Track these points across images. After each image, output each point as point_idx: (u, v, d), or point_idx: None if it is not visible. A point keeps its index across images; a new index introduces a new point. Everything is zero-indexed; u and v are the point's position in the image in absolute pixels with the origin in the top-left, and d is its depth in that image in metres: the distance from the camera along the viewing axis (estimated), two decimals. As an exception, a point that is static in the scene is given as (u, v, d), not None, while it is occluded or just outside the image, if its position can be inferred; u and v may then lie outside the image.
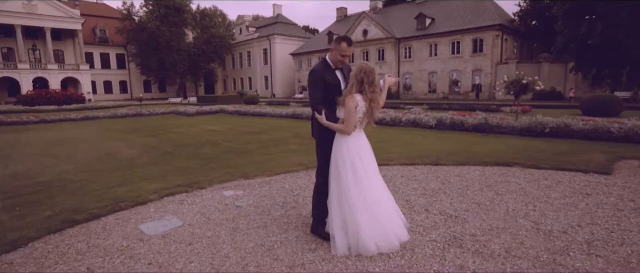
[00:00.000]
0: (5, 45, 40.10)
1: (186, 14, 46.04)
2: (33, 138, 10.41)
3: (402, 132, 9.45)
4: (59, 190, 4.63)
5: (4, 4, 36.72)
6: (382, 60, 36.09)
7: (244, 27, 53.00)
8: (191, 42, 48.16)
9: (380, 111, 11.52)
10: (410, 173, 5.12)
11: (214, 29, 48.89)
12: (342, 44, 2.82)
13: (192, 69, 48.63)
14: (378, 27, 35.77)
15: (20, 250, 3.02)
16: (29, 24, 38.40)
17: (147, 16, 44.02)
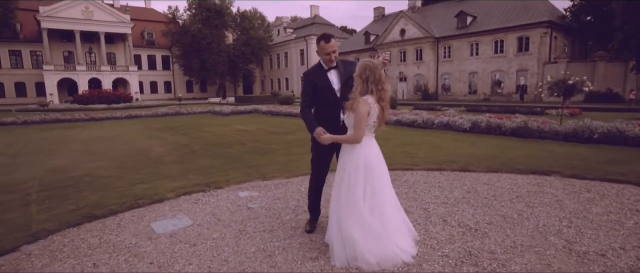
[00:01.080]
0: (66, 49, 43.75)
1: (227, 17, 47.59)
2: (79, 135, 11.17)
3: (433, 135, 9.03)
4: (87, 186, 4.86)
5: (66, 12, 40.10)
6: (420, 61, 35.05)
7: (282, 28, 53.85)
8: (231, 44, 49.73)
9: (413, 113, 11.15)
10: (434, 179, 4.82)
11: (253, 31, 50.14)
12: (320, 42, 2.74)
13: (231, 70, 50.19)
14: (416, 26, 34.78)
15: (41, 242, 3.16)
16: (86, 29, 41.60)
17: (190, 19, 46.05)
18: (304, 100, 2.91)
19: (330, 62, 2.81)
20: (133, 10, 48.73)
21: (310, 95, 2.88)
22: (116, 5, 47.56)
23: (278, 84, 55.84)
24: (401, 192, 4.23)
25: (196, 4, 45.50)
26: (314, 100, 2.90)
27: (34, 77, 41.87)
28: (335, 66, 2.84)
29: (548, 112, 14.43)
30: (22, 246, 3.07)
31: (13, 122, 14.76)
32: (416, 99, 33.51)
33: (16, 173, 5.72)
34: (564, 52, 29.04)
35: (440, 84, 34.07)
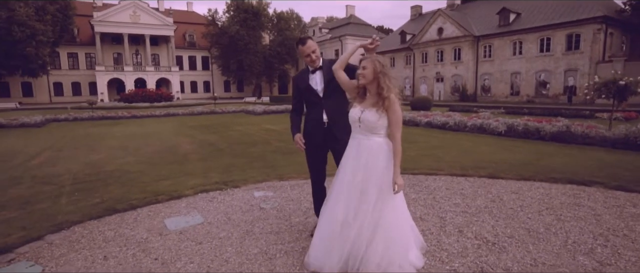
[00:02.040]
0: (116, 51, 46.83)
1: (263, 18, 48.62)
2: (119, 131, 11.85)
3: (464, 139, 8.59)
4: (115, 180, 5.10)
5: (116, 16, 42.95)
6: (458, 60, 33.72)
7: (317, 28, 54.12)
8: (267, 45, 50.75)
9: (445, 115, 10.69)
10: (457, 186, 4.56)
11: (289, 32, 50.84)
12: (298, 47, 2.73)
13: (267, 70, 51.22)
14: (454, 25, 33.49)
15: (63, 232, 3.33)
16: (133, 32, 44.27)
17: (228, 21, 47.55)
18: (292, 104, 2.99)
19: (312, 63, 2.75)
20: (176, 13, 51.13)
21: (297, 98, 2.92)
22: (161, 8, 50.25)
23: (312, 84, 56.05)
24: (419, 198, 4.03)
25: (234, 6, 46.88)
26: (301, 103, 2.93)
27: (88, 77, 45.18)
28: (321, 67, 2.77)
29: (598, 116, 13.27)
30: (46, 235, 3.26)
31: (65, 119, 15.99)
32: (453, 100, 32.27)
33: (57, 166, 6.14)
34: (621, 49, 26.63)
35: (480, 84, 32.55)
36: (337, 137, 2.70)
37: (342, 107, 2.72)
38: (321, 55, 2.87)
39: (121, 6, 43.11)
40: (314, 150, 2.85)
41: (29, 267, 2.72)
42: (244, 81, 53.77)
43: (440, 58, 35.55)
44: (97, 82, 42.57)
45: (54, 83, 44.01)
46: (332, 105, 2.71)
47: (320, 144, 2.80)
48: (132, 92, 33.28)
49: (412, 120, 11.20)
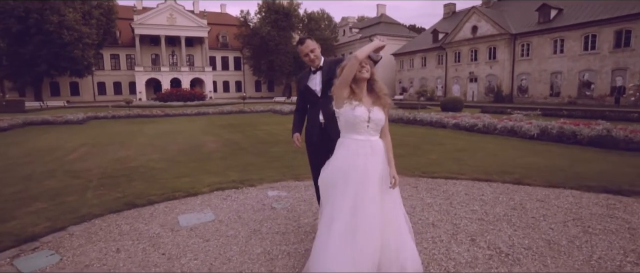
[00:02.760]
0: (153, 52, 49.10)
1: (294, 18, 49.10)
2: (151, 129, 12.38)
3: (493, 141, 8.20)
4: (138, 176, 5.31)
5: (154, 19, 45.03)
6: (493, 60, 32.35)
7: (348, 28, 53.92)
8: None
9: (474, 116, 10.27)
10: (478, 191, 4.34)
11: (319, 32, 51.00)
12: (297, 47, 2.75)
13: (296, 70, 51.64)
14: (490, 23, 32.15)
15: (84, 224, 3.51)
16: (170, 34, 46.21)
17: (259, 22, 48.44)
18: (296, 103, 3.07)
19: (311, 62, 2.76)
20: (210, 15, 52.77)
21: (300, 98, 2.99)
22: (196, 11, 52.08)
23: (341, 84, 55.93)
24: (435, 203, 3.88)
25: (265, 7, 47.68)
26: (304, 103, 2.97)
27: (128, 77, 47.68)
28: (321, 67, 2.78)
29: (648, 119, 12.24)
30: (69, 226, 3.44)
31: (104, 117, 16.96)
32: (487, 102, 30.99)
33: (89, 161, 6.50)
34: (677, 48, 24.41)
35: (516, 85, 31.03)
36: (330, 136, 2.68)
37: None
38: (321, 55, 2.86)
39: (159, 9, 45.14)
40: (314, 150, 2.87)
41: (49, 255, 2.88)
42: (274, 81, 54.56)
43: (474, 57, 34.29)
44: (136, 81, 44.82)
45: (97, 83, 46.86)
46: (328, 105, 2.67)
47: (317, 144, 2.79)
48: (167, 91, 34.75)
49: (439, 121, 10.86)
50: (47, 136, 10.60)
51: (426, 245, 2.83)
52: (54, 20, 31.44)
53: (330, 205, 2.18)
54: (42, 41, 32.02)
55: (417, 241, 2.92)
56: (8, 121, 12.89)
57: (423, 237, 2.99)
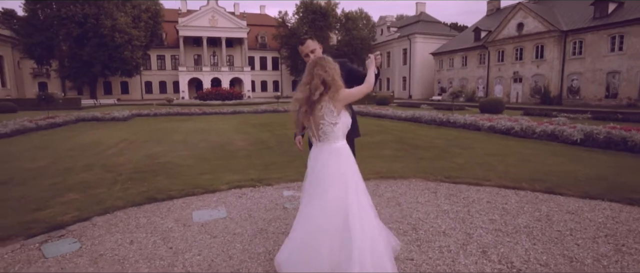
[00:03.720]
0: (196, 52, 51.43)
1: (331, 18, 49.20)
2: (187, 126, 12.94)
3: (529, 146, 7.67)
4: (164, 172, 5.56)
5: (197, 21, 47.16)
6: (541, 59, 30.34)
7: (385, 27, 53.10)
8: (334, 45, 51.25)
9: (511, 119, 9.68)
10: (502, 199, 4.08)
11: (356, 31, 50.69)
12: (299, 46, 2.71)
13: (335, 70, 51.68)
14: (537, 19, 30.16)
15: (107, 215, 3.72)
16: (211, 35, 48.17)
17: (297, 23, 49.07)
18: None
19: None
20: (249, 16, 54.30)
21: None
22: (236, 12, 53.78)
23: (379, 84, 55.28)
24: (451, 210, 3.69)
25: (303, 8, 48.20)
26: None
27: (172, 77, 50.30)
28: None
29: None
30: (93, 217, 3.67)
31: (147, 114, 18.01)
32: (533, 103, 29.12)
33: (124, 156, 6.92)
34: None
35: (566, 85, 28.87)
36: None
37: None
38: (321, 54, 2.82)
39: (202, 12, 47.19)
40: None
41: (71, 243, 3.09)
42: (311, 81, 54.93)
43: (519, 56, 32.38)
44: (180, 81, 47.18)
45: (145, 82, 49.93)
46: None
47: None
48: (207, 90, 36.26)
49: (473, 124, 10.35)
50: (93, 132, 11.44)
51: (431, 254, 2.70)
52: (108, 24, 33.91)
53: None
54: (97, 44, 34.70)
55: (424, 249, 2.80)
56: (63, 117, 14.06)
57: (430, 245, 2.86)
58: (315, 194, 2.19)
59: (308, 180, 2.30)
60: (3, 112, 19.65)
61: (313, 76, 2.18)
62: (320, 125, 2.18)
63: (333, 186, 2.16)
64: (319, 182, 2.20)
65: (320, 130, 2.20)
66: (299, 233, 2.25)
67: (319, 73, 2.16)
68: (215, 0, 48.24)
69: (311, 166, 2.30)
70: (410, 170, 5.50)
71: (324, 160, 2.22)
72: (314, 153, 2.31)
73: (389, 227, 3.27)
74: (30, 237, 3.20)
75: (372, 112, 17.32)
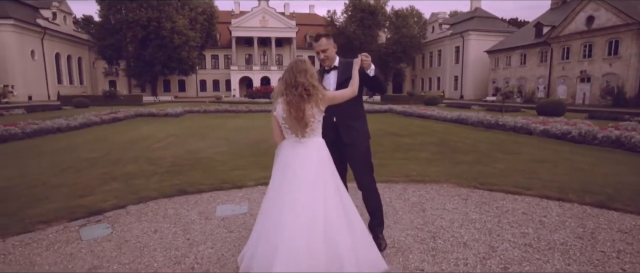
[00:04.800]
0: (247, 52, 53.49)
1: (380, 16, 48.40)
2: (232, 123, 13.48)
3: (586, 153, 6.90)
4: (200, 166, 5.84)
5: (249, 22, 49.03)
6: (614, 56, 27.23)
7: (437, 25, 51.08)
8: (383, 44, 50.40)
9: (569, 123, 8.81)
10: (541, 211, 3.71)
11: (406, 29, 49.35)
12: (313, 44, 2.66)
13: (381, 69, 50.70)
14: (612, 11, 27.08)
15: (140, 205, 3.99)
16: (262, 35, 49.79)
17: (345, 21, 48.94)
18: None
19: (323, 62, 2.69)
20: (298, 16, 55.26)
21: None
22: (286, 12, 54.99)
23: (428, 83, 53.43)
24: (479, 220, 3.44)
25: (352, 6, 47.93)
26: None
27: (225, 76, 52.81)
28: (336, 67, 2.68)
29: None
30: (128, 205, 3.96)
31: (198, 111, 19.09)
32: (604, 105, 26.24)
33: (167, 151, 7.38)
34: None
35: (646, 86, 25.62)
36: (341, 137, 2.63)
37: (350, 109, 2.60)
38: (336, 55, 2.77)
39: (253, 12, 48.97)
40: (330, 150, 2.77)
41: (105, 228, 3.36)
42: (357, 80, 54.57)
43: (587, 53, 29.37)
44: (231, 79, 49.41)
45: (200, 80, 52.99)
46: (340, 106, 2.57)
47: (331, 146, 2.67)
48: (256, 89, 37.57)
49: (525, 127, 9.56)
50: (147, 126, 12.36)
51: (445, 267, 2.53)
52: (168, 27, 36.49)
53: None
54: (157, 45, 37.51)
55: (438, 260, 2.64)
56: (124, 113, 15.39)
57: (446, 257, 2.68)
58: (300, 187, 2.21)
59: (289, 174, 2.26)
60: (78, 107, 22.00)
61: (297, 81, 2.22)
62: (310, 123, 2.25)
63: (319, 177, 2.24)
64: (306, 174, 2.21)
65: (308, 128, 2.26)
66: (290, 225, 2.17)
67: (301, 80, 2.21)
68: (266, 1, 49.77)
69: (291, 160, 2.28)
70: (443, 174, 5.22)
71: (309, 153, 2.28)
72: (293, 149, 2.31)
73: (407, 234, 3.13)
74: (73, 220, 3.53)
75: (416, 112, 16.76)
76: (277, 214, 2.21)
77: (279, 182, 2.28)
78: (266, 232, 2.23)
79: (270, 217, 2.26)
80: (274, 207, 2.26)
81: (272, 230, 2.19)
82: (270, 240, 2.17)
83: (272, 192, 2.32)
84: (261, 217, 2.35)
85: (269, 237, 2.19)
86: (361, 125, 2.75)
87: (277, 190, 2.27)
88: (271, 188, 2.35)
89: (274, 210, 2.25)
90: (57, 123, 10.35)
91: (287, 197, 2.19)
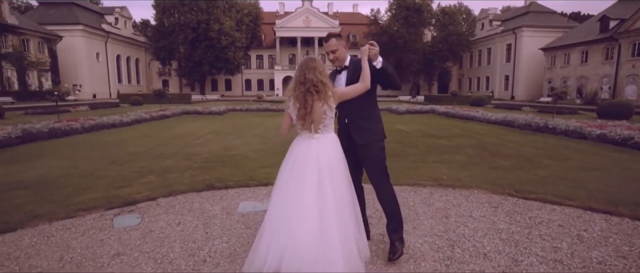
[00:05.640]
0: (290, 52, 54.47)
1: (426, 14, 46.89)
2: (270, 122, 13.79)
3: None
4: (232, 163, 6.04)
5: (293, 22, 49.89)
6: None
7: (487, 21, 48.43)
8: (428, 42, 48.82)
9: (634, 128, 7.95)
10: (582, 224, 3.38)
11: (453, 27, 47.38)
12: (323, 43, 2.60)
13: (426, 68, 49.34)
14: (694, 3, 23.92)
15: (170, 198, 4.22)
16: (305, 35, 50.42)
17: (389, 20, 48.03)
18: None
19: (333, 62, 2.64)
20: (342, 15, 55.22)
21: None
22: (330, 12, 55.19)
23: (476, 83, 50.85)
24: (507, 230, 3.21)
25: (396, 5, 46.92)
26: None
27: (269, 75, 54.21)
28: (347, 66, 2.63)
29: None
30: (159, 198, 4.20)
31: (240, 109, 19.80)
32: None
33: (205, 147, 7.72)
34: None
35: None
36: (353, 137, 2.60)
37: (362, 108, 2.56)
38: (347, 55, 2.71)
39: (297, 13, 49.75)
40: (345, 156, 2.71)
41: (135, 218, 3.59)
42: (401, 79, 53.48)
43: (663, 50, 26.20)
44: (275, 79, 50.63)
45: (245, 80, 54.89)
46: (350, 106, 2.52)
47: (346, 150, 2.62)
48: (298, 88, 38.07)
49: (578, 130, 8.74)
50: (191, 124, 13.03)
51: (458, 278, 2.39)
52: (215, 28, 38.22)
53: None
54: (206, 46, 39.42)
55: (452, 271, 2.50)
56: (172, 110, 16.37)
57: (460, 268, 2.53)
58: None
59: (298, 168, 2.30)
60: (133, 104, 23.82)
61: (306, 80, 2.25)
62: (322, 119, 2.29)
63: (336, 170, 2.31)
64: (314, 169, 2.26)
65: (319, 124, 2.29)
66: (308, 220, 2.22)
67: (310, 77, 2.24)
68: (310, 1, 50.29)
69: (303, 155, 2.32)
70: (477, 179, 4.94)
71: (320, 149, 2.31)
72: (306, 144, 2.35)
73: (424, 240, 3.01)
74: (109, 209, 3.82)
75: (459, 113, 16.02)
76: (283, 208, 2.27)
77: (288, 175, 2.34)
78: (274, 224, 2.29)
79: (278, 210, 2.32)
80: (281, 200, 2.32)
81: (279, 223, 2.25)
82: (276, 233, 2.23)
83: (279, 184, 2.38)
84: (270, 210, 2.40)
85: (276, 231, 2.25)
86: (374, 125, 2.66)
87: (286, 184, 2.33)
88: (279, 180, 2.40)
89: (282, 203, 2.30)
90: (111, 119, 11.27)
91: (295, 192, 2.24)
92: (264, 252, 2.25)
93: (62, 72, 36.26)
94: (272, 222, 2.30)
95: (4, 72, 29.62)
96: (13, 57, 29.80)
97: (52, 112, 15.63)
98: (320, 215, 2.16)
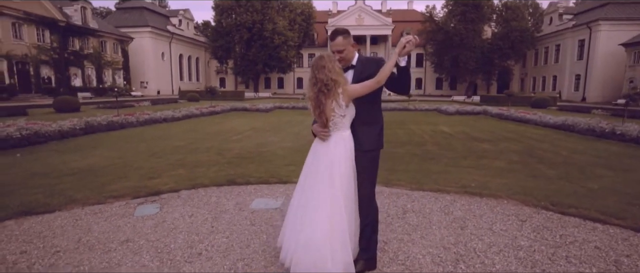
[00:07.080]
0: (341, 50, 54.36)
1: (485, 9, 44.01)
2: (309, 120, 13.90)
3: None
4: (260, 159, 6.17)
5: (345, 20, 49.72)
6: None
7: (556, 15, 44.07)
8: (487, 39, 45.81)
9: None
10: (626, 248, 2.93)
11: (516, 23, 43.88)
12: (329, 41, 2.33)
13: (484, 67, 46.39)
14: None
15: (193, 191, 4.42)
16: (357, 33, 49.89)
17: (445, 17, 45.83)
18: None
19: (340, 61, 2.41)
20: (395, 12, 53.87)
21: None
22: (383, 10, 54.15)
23: (542, 82, 46.60)
24: (528, 248, 2.89)
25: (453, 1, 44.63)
26: None
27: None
28: (353, 66, 2.47)
29: None
30: (182, 190, 4.43)
31: (286, 107, 20.23)
32: None
33: (239, 143, 8.00)
34: None
35: None
36: (356, 142, 2.45)
37: (366, 113, 2.43)
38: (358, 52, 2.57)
39: (349, 11, 49.57)
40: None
41: (155, 208, 3.82)
42: (457, 78, 50.89)
43: None
44: (326, 77, 50.86)
45: (297, 78, 55.91)
46: (356, 110, 2.41)
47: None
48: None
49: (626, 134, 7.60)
50: (236, 120, 13.59)
51: (451, 295, 2.18)
52: (269, 28, 39.45)
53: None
54: (260, 45, 40.87)
55: (447, 287, 2.29)
56: (221, 107, 17.22)
57: (459, 284, 2.31)
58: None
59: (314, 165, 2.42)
60: (190, 100, 25.50)
61: (316, 78, 2.27)
62: (332, 117, 2.29)
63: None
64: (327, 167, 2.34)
65: (331, 122, 2.31)
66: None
67: (320, 77, 2.25)
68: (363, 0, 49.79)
69: (319, 153, 2.43)
70: (509, 188, 4.50)
71: (332, 147, 2.35)
72: (322, 142, 2.42)
73: (427, 251, 2.82)
74: (135, 197, 4.10)
75: (513, 115, 14.80)
76: (301, 206, 2.42)
77: (306, 173, 2.48)
78: (291, 222, 2.48)
79: (295, 208, 2.49)
80: (299, 198, 2.47)
81: (295, 220, 2.44)
82: (294, 230, 2.42)
83: (300, 182, 2.53)
84: (291, 207, 2.56)
85: (293, 227, 2.44)
86: (372, 132, 2.46)
87: (303, 182, 2.48)
88: (300, 178, 2.55)
89: (300, 201, 2.46)
90: (164, 114, 12.15)
91: (310, 190, 2.38)
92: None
93: (132, 70, 40.00)
94: (289, 215, 2.54)
95: (85, 70, 33.42)
96: (93, 57, 33.58)
97: (119, 106, 17.30)
98: (331, 210, 2.29)
